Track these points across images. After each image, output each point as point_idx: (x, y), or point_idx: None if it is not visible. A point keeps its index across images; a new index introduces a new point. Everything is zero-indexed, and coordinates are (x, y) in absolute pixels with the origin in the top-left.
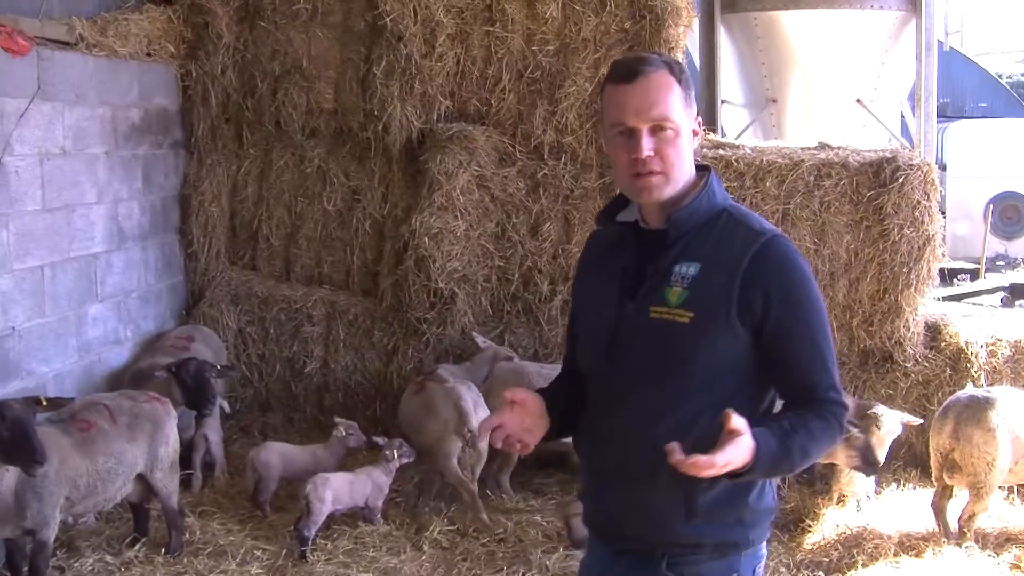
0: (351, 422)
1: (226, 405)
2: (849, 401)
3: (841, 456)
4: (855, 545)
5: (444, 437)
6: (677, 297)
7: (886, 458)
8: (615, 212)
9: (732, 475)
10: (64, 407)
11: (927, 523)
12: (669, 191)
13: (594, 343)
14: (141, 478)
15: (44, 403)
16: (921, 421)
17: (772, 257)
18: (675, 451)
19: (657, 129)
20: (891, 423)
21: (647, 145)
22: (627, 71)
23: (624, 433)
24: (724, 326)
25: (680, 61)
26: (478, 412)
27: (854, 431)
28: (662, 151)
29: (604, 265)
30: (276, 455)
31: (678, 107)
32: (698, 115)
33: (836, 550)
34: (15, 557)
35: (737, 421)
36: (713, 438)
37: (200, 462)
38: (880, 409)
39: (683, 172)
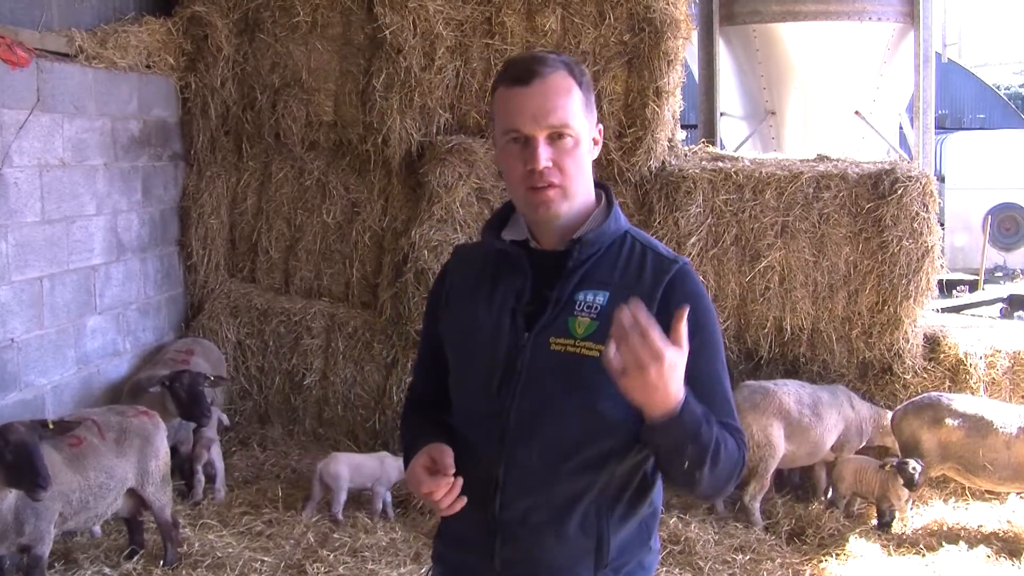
0: None
1: (225, 418)
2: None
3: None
4: None
5: None
6: (584, 328)
7: None
8: (501, 226)
9: (653, 427)
10: (71, 430)
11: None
12: (567, 207)
13: (483, 379)
14: (132, 492)
15: (51, 427)
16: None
17: (685, 289)
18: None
19: (555, 137)
20: None
21: (544, 154)
22: (523, 72)
23: (522, 477)
24: None
25: (580, 63)
26: None
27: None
28: (560, 162)
29: (489, 288)
30: (345, 466)
31: (578, 113)
32: (598, 123)
33: None
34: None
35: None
36: (623, 479)
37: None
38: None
39: (582, 186)
